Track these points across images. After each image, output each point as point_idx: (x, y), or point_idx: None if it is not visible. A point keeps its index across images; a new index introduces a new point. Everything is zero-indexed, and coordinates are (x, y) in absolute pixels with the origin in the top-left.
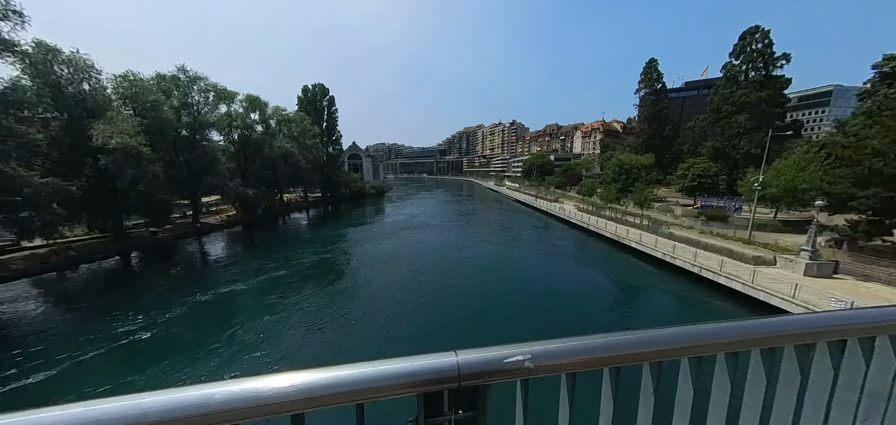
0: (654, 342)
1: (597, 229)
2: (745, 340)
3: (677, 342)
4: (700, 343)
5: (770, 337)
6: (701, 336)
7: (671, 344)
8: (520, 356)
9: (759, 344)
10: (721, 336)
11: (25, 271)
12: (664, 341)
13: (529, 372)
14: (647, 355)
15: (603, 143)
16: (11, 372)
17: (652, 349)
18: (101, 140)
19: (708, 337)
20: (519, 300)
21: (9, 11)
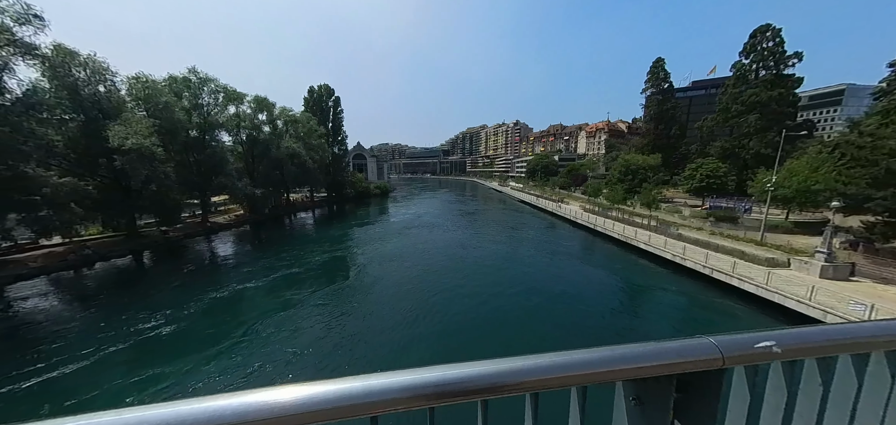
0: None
1: (604, 230)
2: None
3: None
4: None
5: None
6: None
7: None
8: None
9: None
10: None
11: (44, 269)
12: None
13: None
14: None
15: (608, 144)
16: (41, 366)
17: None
18: (118, 141)
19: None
20: (529, 302)
21: (30, 16)
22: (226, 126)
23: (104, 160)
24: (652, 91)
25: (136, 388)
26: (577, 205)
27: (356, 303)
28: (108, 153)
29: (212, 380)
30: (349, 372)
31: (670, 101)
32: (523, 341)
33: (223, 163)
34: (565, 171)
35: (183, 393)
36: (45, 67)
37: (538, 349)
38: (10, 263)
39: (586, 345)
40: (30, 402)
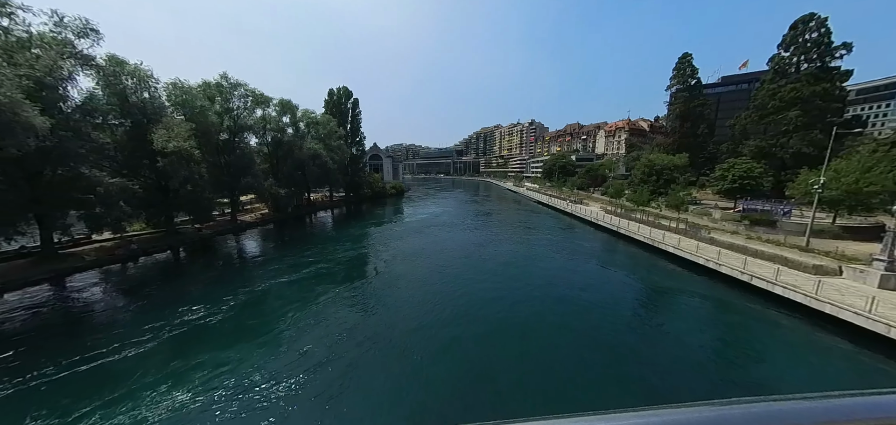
0: None
1: (628, 232)
2: None
3: None
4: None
5: None
6: None
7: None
8: None
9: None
10: None
11: (97, 262)
12: None
13: None
14: None
15: (628, 143)
16: (104, 351)
17: None
18: (161, 144)
19: None
20: (554, 304)
21: (88, 29)
22: (253, 128)
23: (147, 161)
24: (678, 88)
25: (191, 371)
26: (598, 206)
27: (383, 298)
28: (152, 155)
29: (262, 366)
30: (382, 365)
31: (698, 98)
32: (552, 346)
33: (251, 164)
34: (583, 172)
35: (235, 378)
36: (100, 76)
37: (569, 354)
38: (69, 256)
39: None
40: (91, 384)
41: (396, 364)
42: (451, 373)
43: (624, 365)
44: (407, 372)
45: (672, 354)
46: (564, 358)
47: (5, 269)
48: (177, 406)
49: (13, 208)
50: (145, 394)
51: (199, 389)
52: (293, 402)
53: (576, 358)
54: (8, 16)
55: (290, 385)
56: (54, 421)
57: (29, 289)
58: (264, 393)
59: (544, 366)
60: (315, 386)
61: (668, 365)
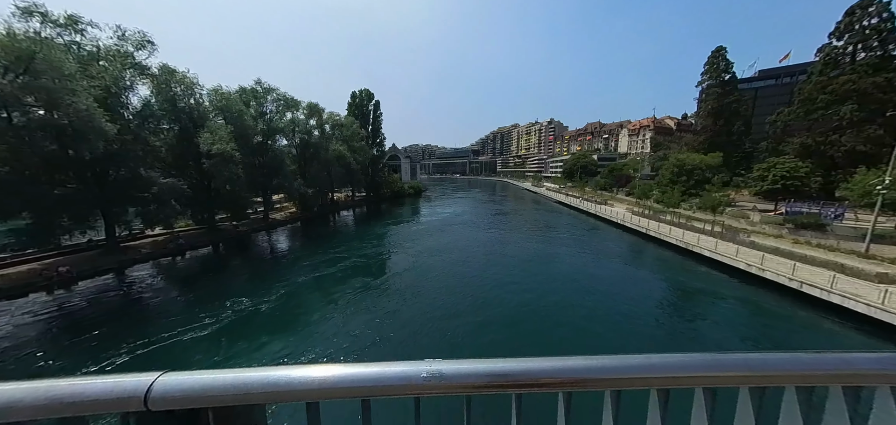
0: (668, 367)
1: (658, 235)
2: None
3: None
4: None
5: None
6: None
7: (684, 371)
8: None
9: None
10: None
11: (151, 255)
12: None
13: None
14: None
15: (654, 142)
16: (172, 332)
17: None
18: (206, 146)
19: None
20: (581, 302)
21: (145, 41)
22: (283, 131)
23: (192, 163)
24: (709, 83)
25: (242, 355)
26: (624, 207)
27: (418, 288)
28: (197, 157)
29: (304, 348)
30: (419, 349)
31: (733, 94)
32: (581, 339)
33: (282, 165)
34: (606, 171)
35: (277, 361)
36: (154, 84)
37: (600, 349)
38: (128, 249)
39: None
40: (150, 367)
41: (437, 346)
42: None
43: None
44: (446, 353)
45: None
46: (595, 352)
47: (79, 259)
48: None
49: (85, 205)
50: None
51: None
52: None
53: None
54: (80, 32)
55: None
56: None
57: (98, 277)
58: None
59: None
60: None
61: None
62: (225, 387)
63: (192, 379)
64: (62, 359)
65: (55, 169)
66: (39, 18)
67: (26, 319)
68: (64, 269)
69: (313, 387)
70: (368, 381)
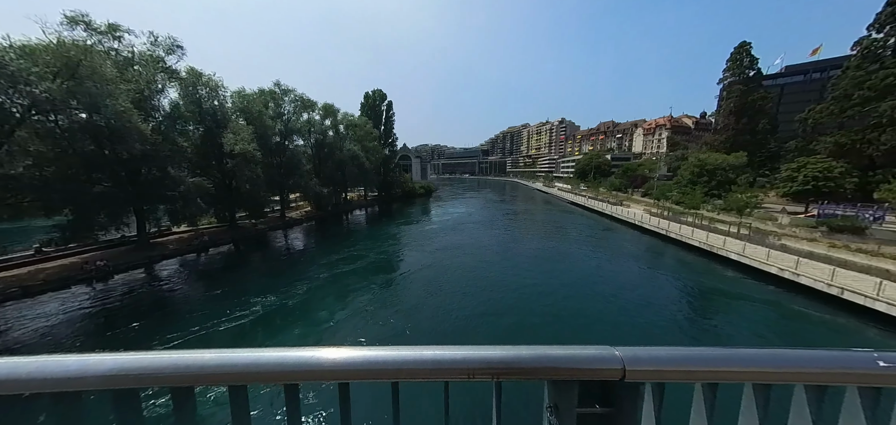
0: None
1: (679, 237)
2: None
3: None
4: None
5: None
6: None
7: None
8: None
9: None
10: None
11: (177, 251)
12: None
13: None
14: None
15: (670, 141)
16: (195, 328)
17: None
18: (229, 146)
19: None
20: (602, 305)
21: (175, 46)
22: (300, 131)
23: (215, 162)
24: (732, 80)
25: (269, 338)
26: (640, 208)
27: (431, 289)
28: (220, 156)
29: (331, 335)
30: (449, 340)
31: (758, 91)
32: (602, 337)
33: (299, 165)
34: (620, 172)
35: None
36: (182, 87)
37: None
38: (157, 245)
39: None
40: None
41: None
42: None
43: None
44: None
45: None
46: None
47: (113, 254)
48: None
49: (119, 202)
50: None
51: None
52: None
53: None
54: (118, 39)
55: None
56: None
57: (131, 271)
58: None
59: None
60: None
61: None
62: None
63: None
64: (104, 349)
65: (93, 168)
66: (83, 26)
67: (71, 311)
68: (101, 263)
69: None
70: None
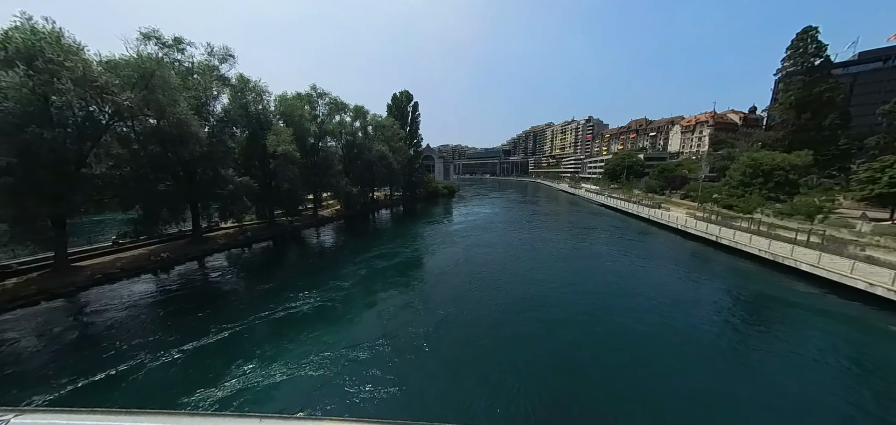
0: None
1: (732, 243)
2: None
3: None
4: None
5: None
6: None
7: None
8: None
9: None
10: None
11: (225, 246)
12: None
13: None
14: None
15: (713, 139)
16: (249, 317)
17: None
18: (272, 147)
19: None
20: (657, 314)
21: (227, 56)
22: (332, 132)
23: (257, 163)
24: (792, 70)
25: (315, 338)
26: (682, 211)
27: (465, 288)
28: (263, 157)
29: (370, 337)
30: (474, 356)
31: (827, 82)
32: (647, 355)
33: (332, 165)
34: (655, 172)
35: (366, 342)
36: (232, 93)
37: (666, 367)
38: (208, 239)
39: None
40: (230, 347)
41: (492, 353)
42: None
43: (738, 384)
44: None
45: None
46: (662, 370)
47: (173, 247)
48: (302, 365)
49: (180, 200)
50: (271, 356)
51: (326, 357)
52: (424, 376)
53: (677, 375)
54: (181, 51)
55: (416, 363)
56: (217, 370)
57: (188, 263)
58: (382, 367)
59: (639, 380)
60: (440, 357)
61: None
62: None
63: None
64: (175, 335)
65: (159, 168)
66: (155, 41)
67: (143, 297)
68: (165, 255)
69: None
70: None
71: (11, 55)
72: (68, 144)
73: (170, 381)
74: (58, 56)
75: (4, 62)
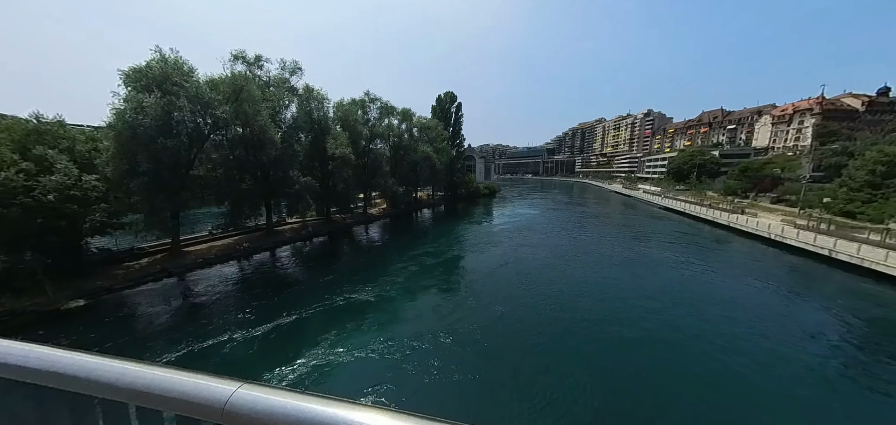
0: None
1: (861, 262)
2: None
3: None
4: None
5: None
6: None
7: None
8: None
9: None
10: None
11: (291, 239)
12: None
13: None
14: None
15: (820, 131)
16: (314, 304)
17: None
18: (331, 150)
19: None
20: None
21: (296, 68)
22: (382, 135)
23: (317, 164)
24: None
25: (378, 328)
26: (775, 218)
27: (523, 283)
28: (322, 159)
29: (425, 333)
30: (529, 363)
31: None
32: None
33: (380, 166)
34: (735, 171)
35: (427, 331)
36: (299, 101)
37: None
38: (278, 233)
39: None
40: (301, 334)
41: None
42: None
43: None
44: None
45: None
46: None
47: (252, 238)
48: (363, 348)
49: (257, 197)
50: (335, 340)
51: (390, 346)
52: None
53: None
54: (260, 67)
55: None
56: (290, 349)
57: (262, 253)
58: (439, 357)
59: None
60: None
61: None
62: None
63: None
64: (255, 314)
65: (243, 170)
66: (241, 61)
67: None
68: (246, 245)
69: None
70: None
71: (150, 82)
72: (181, 151)
73: (254, 355)
74: (179, 79)
75: (145, 88)
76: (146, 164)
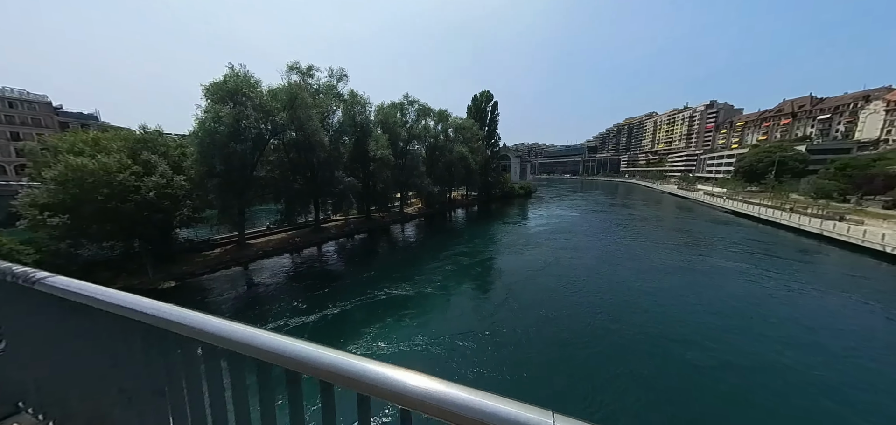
0: None
1: None
2: None
3: None
4: None
5: None
6: None
7: None
8: None
9: None
10: None
11: (336, 235)
12: None
13: None
14: None
15: None
16: (365, 295)
17: None
18: (372, 152)
19: None
20: None
21: (342, 75)
22: (418, 136)
23: (359, 165)
24: None
25: (420, 323)
26: (889, 226)
27: (565, 287)
28: (363, 160)
29: (483, 321)
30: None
31: None
32: None
33: (417, 167)
34: (831, 169)
35: (475, 322)
36: (344, 106)
37: None
38: (324, 230)
39: None
40: (346, 325)
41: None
42: None
43: None
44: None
45: None
46: None
47: (302, 234)
48: (405, 338)
49: (308, 196)
50: (379, 333)
51: (433, 341)
52: None
53: None
54: (310, 76)
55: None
56: (336, 340)
57: (311, 248)
58: (486, 349)
59: None
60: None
61: None
62: None
63: None
64: (306, 304)
65: (295, 171)
66: (296, 72)
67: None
68: (297, 240)
69: None
70: None
71: (225, 95)
72: (247, 155)
73: None
74: (247, 91)
75: (222, 100)
76: (220, 166)
